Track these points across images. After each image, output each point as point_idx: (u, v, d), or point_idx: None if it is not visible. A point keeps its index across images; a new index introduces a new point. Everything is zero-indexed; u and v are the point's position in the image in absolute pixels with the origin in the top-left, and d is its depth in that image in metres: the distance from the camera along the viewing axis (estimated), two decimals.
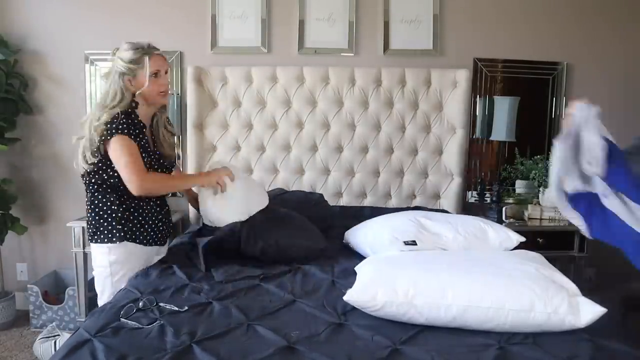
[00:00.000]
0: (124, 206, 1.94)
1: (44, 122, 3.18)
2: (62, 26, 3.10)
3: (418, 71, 2.96)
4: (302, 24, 3.07)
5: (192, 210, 2.99)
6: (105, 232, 1.93)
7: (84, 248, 2.79)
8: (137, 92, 1.92)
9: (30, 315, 3.01)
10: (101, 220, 1.93)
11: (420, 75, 2.96)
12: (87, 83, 3.12)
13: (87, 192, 1.99)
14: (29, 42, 3.11)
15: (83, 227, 2.76)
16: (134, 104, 1.94)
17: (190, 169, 2.97)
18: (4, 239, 3.02)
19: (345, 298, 1.52)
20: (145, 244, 1.99)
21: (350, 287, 1.58)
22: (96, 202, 1.94)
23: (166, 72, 2.00)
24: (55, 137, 3.17)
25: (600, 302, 1.45)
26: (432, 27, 3.07)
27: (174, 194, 3.17)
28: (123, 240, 1.93)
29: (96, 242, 1.95)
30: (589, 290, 1.58)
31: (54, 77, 3.14)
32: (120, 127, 1.85)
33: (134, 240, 1.95)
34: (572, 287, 1.52)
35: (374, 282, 1.52)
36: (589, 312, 1.41)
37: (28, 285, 3.03)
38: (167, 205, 2.13)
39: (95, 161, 1.89)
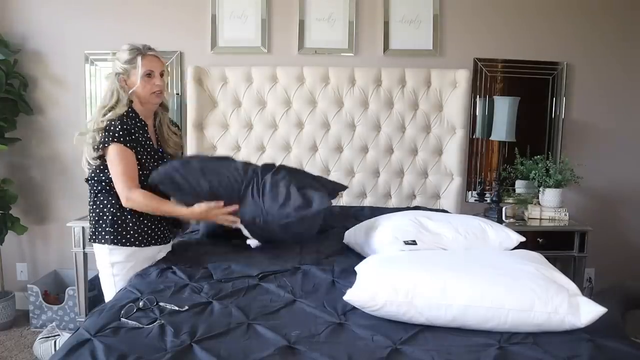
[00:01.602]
0: (121, 210, 1.95)
1: (44, 122, 3.18)
2: (62, 26, 3.10)
3: (418, 71, 2.97)
4: (302, 24, 3.07)
5: None
6: (104, 233, 1.95)
7: (84, 248, 2.79)
8: (130, 91, 1.95)
9: (30, 315, 3.02)
10: (101, 222, 1.96)
11: (420, 75, 2.96)
12: (87, 83, 3.12)
13: (90, 193, 2.02)
14: (29, 42, 3.11)
15: (83, 227, 2.77)
16: (130, 103, 1.97)
17: None
18: (4, 239, 3.03)
19: (345, 298, 1.52)
20: (145, 245, 2.00)
21: (351, 287, 1.58)
22: (98, 203, 1.97)
23: (162, 74, 2.01)
24: (55, 137, 3.18)
25: (600, 302, 1.45)
26: (432, 27, 3.07)
27: None
28: (121, 244, 1.95)
29: (95, 241, 1.98)
30: (589, 290, 1.59)
31: (54, 77, 3.14)
32: (117, 134, 1.88)
33: (132, 244, 1.96)
34: (572, 286, 1.52)
35: (374, 282, 1.52)
36: (589, 311, 1.41)
37: (28, 285, 3.03)
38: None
39: (97, 163, 1.93)
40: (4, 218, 3.01)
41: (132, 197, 1.89)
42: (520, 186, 3.15)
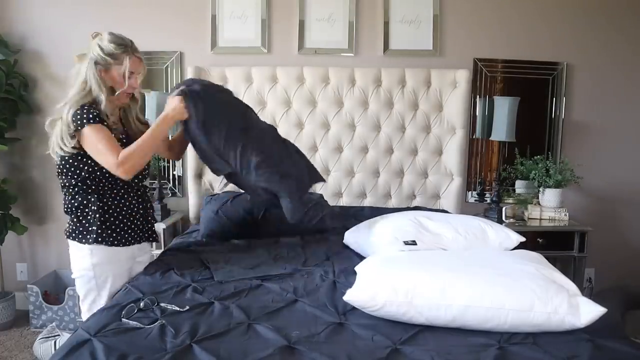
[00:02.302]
0: (104, 208, 1.86)
1: (44, 122, 3.15)
2: (63, 26, 3.10)
3: (418, 71, 2.97)
4: (302, 24, 3.07)
5: (192, 210, 3.00)
6: (85, 233, 1.85)
7: None
8: (102, 84, 1.84)
9: (30, 315, 3.02)
10: (83, 221, 1.86)
11: (420, 76, 2.96)
12: None
13: (64, 193, 1.90)
14: (29, 42, 3.11)
15: None
16: (101, 96, 1.84)
17: (190, 168, 2.97)
18: (4, 239, 3.02)
19: (345, 298, 1.52)
20: (125, 244, 1.91)
21: (351, 287, 1.58)
22: (76, 204, 1.86)
23: (138, 75, 1.92)
24: None
25: (600, 302, 1.45)
26: (432, 27, 3.07)
27: (173, 194, 3.17)
28: (102, 244, 1.85)
29: (75, 240, 1.87)
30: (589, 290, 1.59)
31: (54, 77, 3.14)
32: (87, 116, 1.78)
33: (113, 244, 1.87)
34: (572, 287, 1.52)
35: (374, 282, 1.52)
36: (588, 312, 1.41)
37: (28, 285, 3.03)
38: (148, 202, 2.05)
39: (72, 148, 1.82)
40: (4, 218, 3.01)
41: (125, 163, 1.76)
42: (520, 186, 3.15)
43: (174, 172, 3.19)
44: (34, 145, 3.20)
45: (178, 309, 1.54)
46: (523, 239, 2.01)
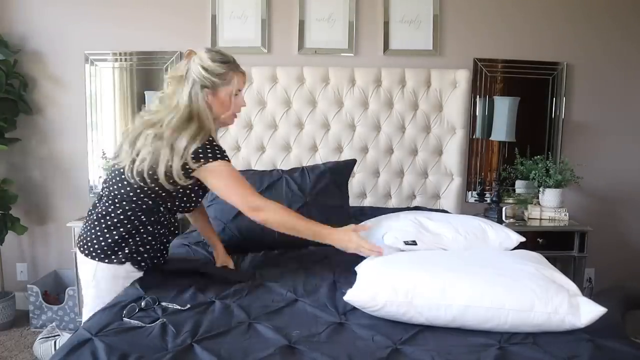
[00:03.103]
0: (134, 231, 1.72)
1: (44, 122, 3.18)
2: (62, 26, 3.10)
3: (418, 71, 2.97)
4: (302, 24, 3.07)
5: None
6: (96, 251, 1.73)
7: None
8: (212, 110, 1.71)
9: (30, 315, 3.02)
10: (93, 237, 1.74)
11: (420, 76, 2.96)
12: (87, 83, 3.12)
13: (102, 202, 1.76)
14: (29, 42, 3.11)
15: None
16: (212, 124, 1.70)
17: None
18: (4, 239, 3.03)
19: (345, 298, 1.52)
20: (138, 269, 1.77)
21: (351, 286, 1.58)
22: (125, 217, 1.71)
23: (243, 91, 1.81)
24: (55, 137, 3.18)
25: (600, 302, 1.45)
26: (432, 27, 3.07)
27: None
28: (111, 262, 1.73)
29: (84, 254, 1.77)
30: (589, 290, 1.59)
31: (54, 77, 3.14)
32: (217, 152, 1.65)
33: (114, 262, 1.73)
34: (572, 286, 1.52)
35: (374, 282, 1.52)
36: (589, 311, 1.41)
37: (28, 285, 3.03)
38: (178, 231, 1.94)
39: (185, 182, 1.66)
40: (4, 218, 3.01)
41: (264, 207, 1.65)
42: (520, 186, 3.15)
43: None
44: (34, 145, 3.20)
45: (179, 307, 1.54)
46: (523, 239, 2.01)
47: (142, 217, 1.73)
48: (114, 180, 1.73)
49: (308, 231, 1.72)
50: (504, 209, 2.87)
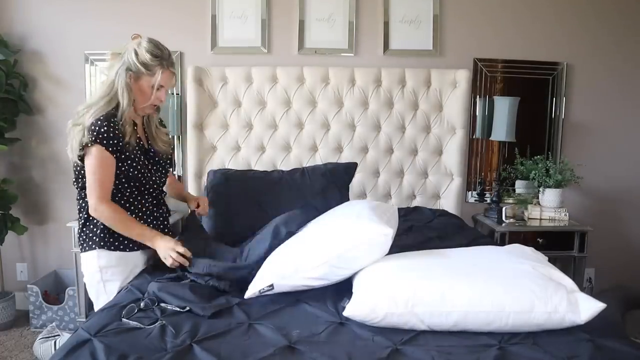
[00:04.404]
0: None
1: (44, 122, 3.18)
2: (62, 26, 3.10)
3: (418, 71, 2.97)
4: (302, 24, 3.07)
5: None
6: (95, 238, 1.85)
7: None
8: (129, 93, 1.82)
9: (30, 315, 3.01)
10: (91, 226, 1.86)
11: (420, 76, 2.96)
12: (87, 83, 3.12)
13: (77, 198, 1.93)
14: (29, 42, 3.11)
15: None
16: (125, 104, 1.81)
17: (191, 169, 2.97)
18: (4, 239, 3.02)
19: (345, 314, 1.49)
20: (131, 250, 1.90)
21: (351, 286, 1.58)
22: (87, 207, 1.85)
23: (167, 88, 1.91)
24: (55, 137, 3.17)
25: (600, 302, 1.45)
26: (432, 27, 3.07)
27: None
28: (110, 249, 1.85)
29: (84, 250, 1.88)
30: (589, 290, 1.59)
31: (54, 77, 3.14)
32: (101, 135, 1.75)
33: (118, 249, 1.86)
34: (569, 283, 1.51)
35: (372, 294, 1.48)
36: (588, 308, 1.41)
37: (28, 285, 3.03)
38: (163, 206, 2.05)
39: (78, 159, 1.80)
40: (4, 218, 3.01)
41: (100, 208, 1.77)
42: (520, 186, 3.15)
43: (174, 172, 3.19)
44: (34, 145, 3.20)
45: (178, 309, 1.54)
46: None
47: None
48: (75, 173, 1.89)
49: (136, 233, 1.84)
50: (504, 209, 2.87)
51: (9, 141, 3.05)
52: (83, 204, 1.89)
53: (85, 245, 1.88)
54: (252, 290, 1.61)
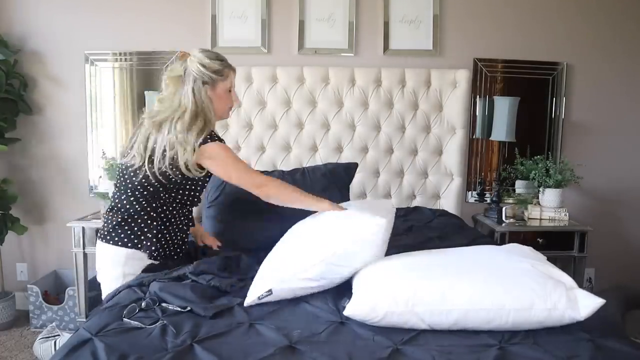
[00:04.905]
0: (159, 221, 1.85)
1: (44, 122, 3.18)
2: (62, 26, 3.10)
3: (418, 71, 2.97)
4: (302, 24, 3.07)
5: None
6: (132, 237, 1.83)
7: (84, 248, 2.78)
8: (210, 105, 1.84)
9: (30, 315, 3.02)
10: (132, 224, 1.84)
11: (420, 76, 2.96)
12: (87, 83, 3.12)
13: (123, 191, 1.86)
14: (29, 42, 3.11)
15: (83, 227, 2.76)
16: (212, 116, 1.84)
17: None
18: (4, 239, 3.03)
19: (345, 313, 1.48)
20: (173, 259, 1.92)
21: (351, 286, 1.58)
22: (129, 207, 1.84)
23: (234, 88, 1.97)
24: (55, 137, 3.17)
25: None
26: (432, 27, 3.07)
27: None
28: (142, 251, 1.85)
29: (117, 245, 1.84)
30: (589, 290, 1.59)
31: (54, 77, 3.14)
32: (216, 137, 1.80)
33: (152, 256, 1.86)
34: (568, 280, 1.51)
35: (372, 293, 1.48)
36: (587, 304, 1.41)
37: (28, 285, 3.03)
38: (192, 223, 2.05)
39: (197, 173, 1.79)
40: (4, 218, 3.01)
41: (266, 183, 1.82)
42: (520, 186, 3.15)
43: None
44: (34, 145, 3.20)
45: (179, 309, 1.54)
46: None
47: (159, 209, 1.86)
48: (128, 177, 1.85)
49: (305, 201, 1.88)
50: (504, 209, 2.87)
51: (9, 141, 3.05)
52: (126, 203, 1.85)
53: (118, 240, 1.84)
54: (251, 298, 1.61)
